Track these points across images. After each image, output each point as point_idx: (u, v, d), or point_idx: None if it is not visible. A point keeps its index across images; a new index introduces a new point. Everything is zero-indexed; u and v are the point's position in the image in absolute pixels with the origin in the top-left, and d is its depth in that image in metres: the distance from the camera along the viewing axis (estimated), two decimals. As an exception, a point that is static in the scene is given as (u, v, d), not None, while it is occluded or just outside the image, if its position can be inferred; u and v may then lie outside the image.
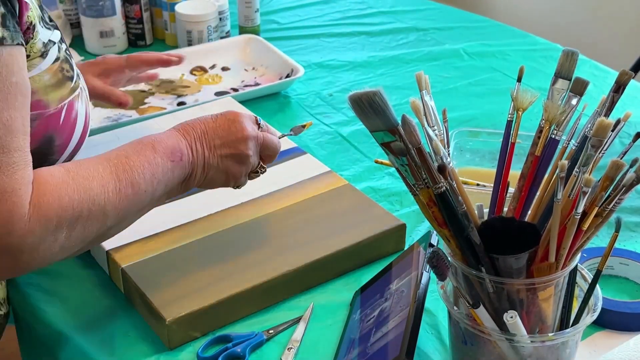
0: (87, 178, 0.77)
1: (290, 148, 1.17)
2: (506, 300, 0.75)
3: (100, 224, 0.79)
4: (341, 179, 1.11)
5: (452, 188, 0.71)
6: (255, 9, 1.63)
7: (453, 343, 0.83)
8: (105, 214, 0.78)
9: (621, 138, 1.16)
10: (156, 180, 0.83)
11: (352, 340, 0.87)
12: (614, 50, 2.62)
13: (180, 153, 0.86)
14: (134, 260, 0.95)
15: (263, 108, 1.38)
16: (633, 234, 1.07)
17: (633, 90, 1.40)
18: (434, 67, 1.54)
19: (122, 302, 0.96)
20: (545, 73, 1.46)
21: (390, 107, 0.69)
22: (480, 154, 1.17)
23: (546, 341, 0.76)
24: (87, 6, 1.54)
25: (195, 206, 1.04)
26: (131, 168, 0.81)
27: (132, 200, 0.81)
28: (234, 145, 0.90)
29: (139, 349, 0.89)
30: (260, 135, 0.93)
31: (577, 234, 0.71)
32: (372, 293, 0.92)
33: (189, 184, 0.89)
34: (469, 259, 0.74)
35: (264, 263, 0.95)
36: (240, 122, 0.91)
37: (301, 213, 1.04)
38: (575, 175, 0.71)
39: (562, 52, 0.78)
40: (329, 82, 1.49)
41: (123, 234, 0.98)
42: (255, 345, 0.89)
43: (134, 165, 0.81)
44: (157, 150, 0.84)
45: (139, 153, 0.83)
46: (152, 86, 1.44)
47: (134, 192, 0.81)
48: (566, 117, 0.76)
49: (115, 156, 0.82)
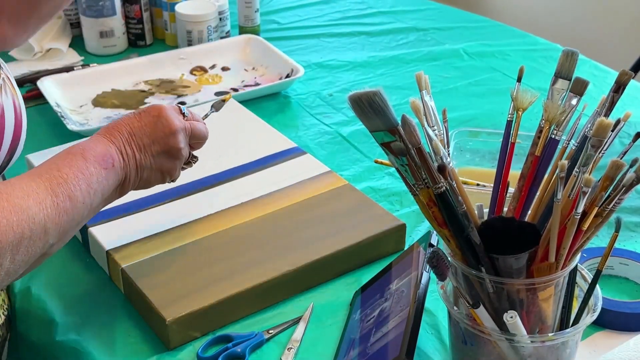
0: (22, 197, 0.73)
1: (290, 148, 1.17)
2: (506, 300, 0.75)
3: (43, 242, 0.75)
4: (341, 179, 1.11)
5: (452, 188, 0.71)
6: (255, 9, 1.63)
7: (453, 343, 0.83)
8: (47, 232, 0.75)
9: (621, 138, 1.16)
10: (92, 190, 0.80)
11: (352, 340, 0.87)
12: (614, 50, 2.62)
13: (111, 159, 0.83)
14: (134, 260, 0.95)
15: (263, 108, 1.38)
16: (633, 234, 1.07)
17: (633, 90, 1.40)
18: (434, 67, 1.54)
19: (122, 302, 0.96)
20: (545, 73, 1.46)
21: (390, 107, 0.69)
22: (480, 154, 1.17)
23: (546, 341, 0.76)
24: (87, 6, 1.54)
25: (195, 206, 1.04)
26: (65, 181, 0.77)
27: (71, 214, 0.77)
28: (164, 141, 0.88)
29: (140, 349, 0.89)
30: (187, 125, 0.91)
31: (577, 234, 0.71)
32: (372, 293, 0.92)
33: (124, 189, 0.87)
34: (469, 259, 0.74)
35: (264, 263, 0.95)
36: (166, 117, 0.89)
37: (301, 213, 1.04)
38: (575, 175, 0.71)
39: (562, 52, 0.78)
40: (329, 82, 1.49)
41: (123, 234, 0.99)
42: (255, 345, 0.89)
43: (68, 178, 0.78)
44: (88, 159, 0.81)
45: (70, 164, 0.79)
46: (152, 86, 1.44)
47: (73, 205, 0.77)
48: (566, 117, 0.76)
49: (46, 170, 0.78)
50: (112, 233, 0.99)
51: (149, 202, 1.05)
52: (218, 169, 1.12)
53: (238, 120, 1.25)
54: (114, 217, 1.02)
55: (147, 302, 0.90)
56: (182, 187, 1.08)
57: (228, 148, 1.17)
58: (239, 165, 1.13)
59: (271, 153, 1.16)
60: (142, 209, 1.04)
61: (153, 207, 1.04)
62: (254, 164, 1.14)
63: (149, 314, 0.90)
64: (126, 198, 1.04)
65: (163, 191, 1.06)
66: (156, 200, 1.05)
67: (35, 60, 1.54)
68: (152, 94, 1.42)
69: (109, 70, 1.47)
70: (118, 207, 1.03)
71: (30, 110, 1.38)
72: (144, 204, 1.04)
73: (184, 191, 1.07)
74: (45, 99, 1.36)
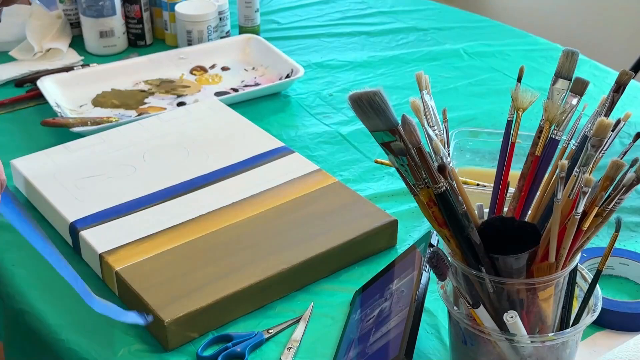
0: None
1: (278, 147, 1.17)
2: (506, 300, 0.75)
3: None
4: (331, 176, 1.11)
5: (452, 188, 0.71)
6: (255, 9, 1.63)
7: (453, 343, 0.83)
8: None
9: (621, 138, 1.16)
10: None
11: (351, 340, 0.87)
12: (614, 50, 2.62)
13: None
14: (127, 262, 0.95)
15: (263, 108, 1.38)
16: (633, 234, 1.07)
17: (633, 90, 1.40)
18: (434, 67, 1.54)
19: (118, 304, 0.95)
20: (545, 73, 1.46)
21: (390, 107, 0.69)
22: (480, 154, 1.17)
23: (546, 341, 0.76)
24: (87, 6, 1.54)
25: (186, 207, 1.04)
26: None
27: None
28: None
29: (140, 350, 0.89)
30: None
31: (577, 234, 0.71)
32: (372, 293, 0.92)
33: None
34: (469, 259, 0.74)
35: (258, 262, 0.95)
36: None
37: (293, 211, 1.04)
38: (575, 175, 0.71)
39: (562, 52, 0.78)
40: (329, 82, 1.49)
41: (115, 237, 0.98)
42: (255, 344, 0.89)
43: None
44: None
45: None
46: (152, 86, 1.44)
47: None
48: (566, 117, 0.76)
49: None
50: (104, 236, 0.99)
51: (139, 204, 1.05)
52: (207, 170, 1.12)
53: (225, 121, 1.25)
54: (105, 220, 1.02)
55: (144, 304, 0.89)
56: (172, 189, 1.08)
57: (216, 149, 1.17)
58: (228, 166, 1.13)
59: (260, 152, 1.16)
60: (133, 211, 1.03)
61: (144, 208, 1.04)
62: (243, 163, 1.13)
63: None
64: (117, 200, 1.05)
65: (153, 193, 1.07)
66: (147, 202, 1.05)
67: (35, 60, 1.54)
68: (152, 94, 1.42)
69: (109, 70, 1.46)
70: (109, 210, 1.03)
71: (30, 110, 1.39)
72: (135, 206, 1.04)
73: (174, 192, 1.07)
74: (45, 98, 1.36)
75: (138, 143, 1.19)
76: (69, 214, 1.03)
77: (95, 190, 1.08)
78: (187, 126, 1.23)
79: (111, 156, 1.15)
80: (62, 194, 1.07)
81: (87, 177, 1.09)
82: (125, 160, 1.14)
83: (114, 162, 1.14)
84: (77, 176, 1.10)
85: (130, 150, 1.17)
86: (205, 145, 1.18)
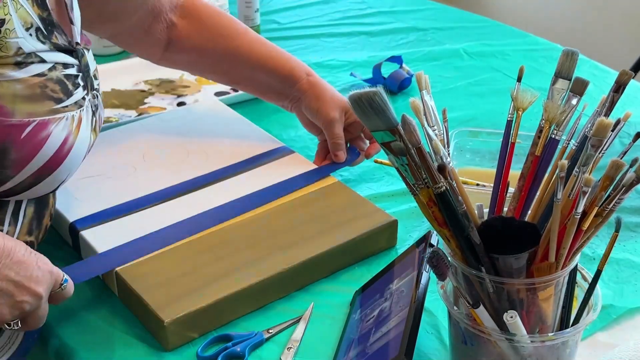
0: None
1: (278, 147, 1.17)
2: (506, 300, 0.75)
3: None
4: (331, 176, 1.11)
5: (452, 188, 0.71)
6: (255, 9, 1.63)
7: (453, 343, 0.83)
8: None
9: (621, 138, 1.16)
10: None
11: (351, 340, 0.87)
12: (614, 50, 2.63)
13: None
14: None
15: (263, 108, 1.38)
16: (633, 234, 1.07)
17: (633, 90, 1.40)
18: (434, 67, 1.54)
19: (118, 304, 0.95)
20: (545, 73, 1.46)
21: (390, 107, 0.69)
22: (480, 154, 1.17)
23: (546, 341, 0.76)
24: (87, 6, 1.54)
25: (186, 208, 1.04)
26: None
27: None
28: (23, 279, 0.77)
29: (139, 350, 0.89)
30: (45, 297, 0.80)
31: (577, 234, 0.71)
32: (372, 293, 0.92)
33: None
34: (469, 259, 0.74)
35: (258, 262, 0.95)
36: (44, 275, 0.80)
37: (292, 212, 1.04)
38: (575, 175, 0.71)
39: (562, 52, 0.78)
40: (329, 82, 1.48)
41: (115, 237, 0.98)
42: (255, 344, 0.89)
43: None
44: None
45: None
46: (152, 86, 1.45)
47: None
48: (566, 117, 0.76)
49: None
50: (104, 236, 0.99)
51: (139, 204, 1.05)
52: (207, 170, 1.12)
53: (225, 121, 1.25)
54: (105, 220, 1.02)
55: (144, 304, 0.89)
56: (172, 189, 1.08)
57: (216, 149, 1.17)
58: (228, 166, 1.13)
59: (260, 152, 1.16)
60: (133, 211, 1.03)
61: (144, 209, 1.04)
62: (243, 163, 1.13)
63: (146, 316, 0.90)
64: (117, 200, 1.05)
65: (153, 193, 1.06)
66: (147, 202, 1.05)
67: (35, 60, 1.54)
68: (152, 94, 1.42)
69: (109, 70, 1.46)
70: (109, 210, 1.03)
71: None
72: (135, 206, 1.04)
73: (174, 192, 1.07)
74: (45, 98, 1.36)
75: (138, 143, 1.19)
76: (69, 214, 1.03)
77: (95, 190, 1.08)
78: (187, 126, 1.23)
79: (111, 156, 1.15)
80: (62, 193, 1.07)
81: (87, 177, 1.09)
82: (125, 160, 1.14)
83: (113, 162, 1.14)
84: (77, 176, 1.10)
85: (130, 150, 1.17)
86: (205, 145, 1.18)
